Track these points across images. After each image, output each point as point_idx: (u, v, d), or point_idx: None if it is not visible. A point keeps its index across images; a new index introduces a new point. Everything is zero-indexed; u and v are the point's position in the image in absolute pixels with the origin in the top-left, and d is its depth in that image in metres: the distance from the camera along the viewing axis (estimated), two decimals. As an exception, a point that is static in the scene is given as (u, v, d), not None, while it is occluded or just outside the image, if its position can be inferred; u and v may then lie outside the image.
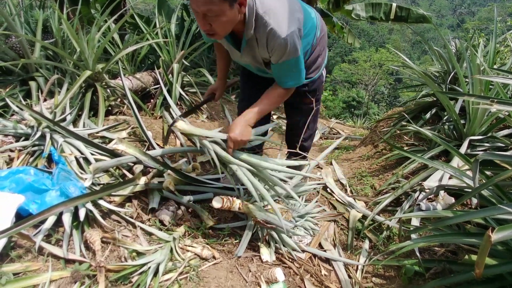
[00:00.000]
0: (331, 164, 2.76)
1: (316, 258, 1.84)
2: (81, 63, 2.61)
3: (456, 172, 1.73)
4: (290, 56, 1.55)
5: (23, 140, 2.06)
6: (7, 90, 2.58)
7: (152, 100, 3.37)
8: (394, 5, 7.28)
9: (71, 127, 2.09)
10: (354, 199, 2.30)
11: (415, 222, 1.85)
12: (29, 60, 2.52)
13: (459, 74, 2.34)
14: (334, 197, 2.31)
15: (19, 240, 1.47)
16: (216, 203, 1.70)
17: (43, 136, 2.03)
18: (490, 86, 2.32)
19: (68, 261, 1.49)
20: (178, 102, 3.40)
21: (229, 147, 1.61)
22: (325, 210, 2.22)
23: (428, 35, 36.28)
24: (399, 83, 24.07)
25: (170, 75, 3.37)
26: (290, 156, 2.35)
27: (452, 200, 1.96)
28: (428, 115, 2.86)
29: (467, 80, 2.57)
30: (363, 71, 23.30)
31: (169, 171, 1.95)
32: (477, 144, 2.28)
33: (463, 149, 2.19)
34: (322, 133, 4.41)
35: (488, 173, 1.85)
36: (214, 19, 1.37)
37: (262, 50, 1.59)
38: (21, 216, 1.52)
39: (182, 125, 1.69)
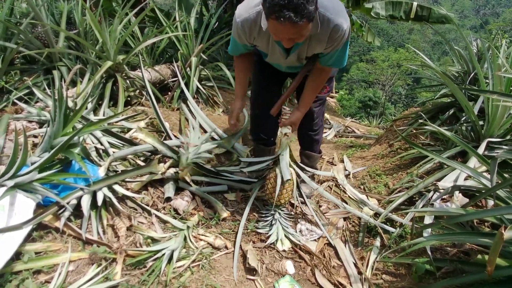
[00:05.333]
0: (342, 161, 2.76)
1: (327, 252, 1.85)
2: (102, 54, 2.68)
3: (473, 173, 1.72)
4: (343, 43, 1.63)
5: (46, 127, 2.13)
6: (32, 78, 2.67)
7: (169, 93, 3.42)
8: (415, 4, 7.15)
9: (91, 116, 2.15)
10: (367, 196, 2.30)
11: (428, 221, 1.84)
12: (53, 49, 2.60)
13: (479, 74, 2.30)
14: (346, 194, 2.32)
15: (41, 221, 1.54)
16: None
17: (65, 124, 2.10)
18: (511, 88, 2.28)
19: (86, 244, 1.55)
20: (195, 95, 3.45)
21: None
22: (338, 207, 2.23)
23: (450, 35, 35.45)
24: (417, 84, 23.65)
25: (188, 69, 3.41)
26: (304, 151, 2.36)
27: (467, 201, 1.94)
28: (445, 116, 2.83)
29: (487, 81, 2.53)
30: (380, 71, 22.97)
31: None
32: (495, 146, 2.25)
33: (480, 151, 2.15)
34: (337, 131, 4.39)
35: (505, 175, 1.82)
36: (300, 38, 1.42)
37: (318, 45, 1.63)
38: (44, 206, 1.59)
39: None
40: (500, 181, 1.64)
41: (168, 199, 1.89)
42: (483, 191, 1.65)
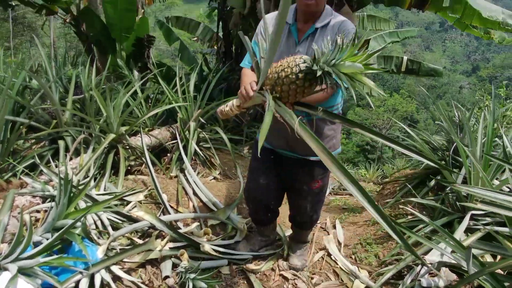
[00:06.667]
0: (335, 227, 2.83)
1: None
2: (106, 127, 2.84)
3: (452, 255, 1.80)
4: None
5: (49, 201, 2.23)
6: (37, 148, 2.82)
7: (168, 154, 3.57)
8: (405, 58, 7.56)
9: (93, 191, 2.26)
10: (358, 267, 2.35)
11: (415, 300, 1.89)
12: (60, 129, 2.76)
13: (459, 149, 2.45)
14: (338, 265, 2.37)
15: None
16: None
17: (68, 199, 2.20)
18: (490, 162, 2.41)
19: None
20: (193, 157, 3.59)
21: None
22: (330, 279, 2.29)
23: (442, 80, 36.64)
24: (415, 127, 24.08)
25: (187, 132, 3.58)
26: (295, 231, 2.40)
27: (454, 276, 2.00)
28: (433, 182, 2.94)
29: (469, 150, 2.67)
30: (377, 116, 23.53)
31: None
32: (479, 218, 2.34)
33: (465, 223, 2.25)
34: (332, 189, 4.48)
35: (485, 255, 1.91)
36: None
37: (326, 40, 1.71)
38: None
39: None
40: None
41: (166, 277, 1.95)
42: (464, 277, 1.72)
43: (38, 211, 2.16)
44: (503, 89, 4.40)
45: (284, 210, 2.78)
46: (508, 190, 2.46)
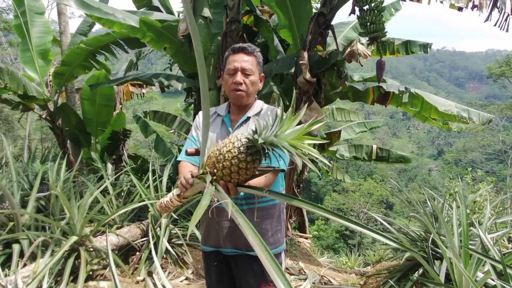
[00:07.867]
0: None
1: None
2: (67, 227, 2.66)
3: None
4: None
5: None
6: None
7: (138, 253, 3.33)
8: (374, 146, 7.96)
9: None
10: None
11: None
12: (15, 234, 2.55)
13: (438, 242, 2.40)
14: None
15: None
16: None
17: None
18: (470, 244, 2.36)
19: None
20: (164, 255, 3.36)
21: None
22: None
23: (412, 164, 38.25)
24: (391, 210, 24.27)
25: (158, 228, 3.40)
26: None
27: None
28: (416, 275, 2.82)
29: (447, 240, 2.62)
30: (353, 201, 23.70)
31: None
32: (468, 317, 2.20)
33: (455, 323, 2.10)
34: (313, 283, 4.22)
35: None
36: (248, 76, 1.71)
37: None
38: None
39: None
40: None
41: None
42: None
43: (-25, 334, 1.87)
44: (469, 175, 4.57)
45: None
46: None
